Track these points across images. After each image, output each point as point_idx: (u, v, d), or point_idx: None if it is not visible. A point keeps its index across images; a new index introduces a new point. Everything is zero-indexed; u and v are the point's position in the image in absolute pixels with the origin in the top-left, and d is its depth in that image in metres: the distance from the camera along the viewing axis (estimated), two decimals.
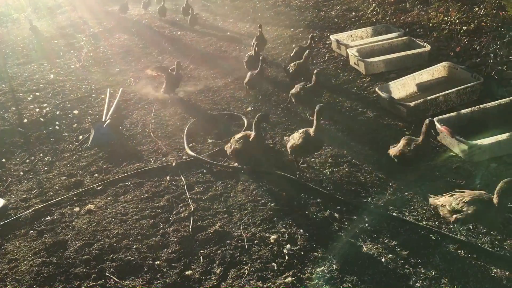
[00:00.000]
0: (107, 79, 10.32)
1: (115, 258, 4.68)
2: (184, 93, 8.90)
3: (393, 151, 5.37)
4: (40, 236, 5.20)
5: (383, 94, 6.70)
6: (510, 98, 5.86)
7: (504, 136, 5.23)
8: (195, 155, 6.43)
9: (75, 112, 8.70)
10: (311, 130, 5.23)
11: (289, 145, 5.53)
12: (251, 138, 5.58)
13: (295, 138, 5.43)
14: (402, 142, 5.23)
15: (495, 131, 5.36)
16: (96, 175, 6.43)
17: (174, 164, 6.34)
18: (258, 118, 5.52)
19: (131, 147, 7.17)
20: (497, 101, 5.86)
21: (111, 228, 5.15)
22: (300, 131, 5.41)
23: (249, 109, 7.78)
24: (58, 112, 8.78)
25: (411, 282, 3.94)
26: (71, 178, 6.41)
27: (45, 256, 4.80)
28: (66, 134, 7.91)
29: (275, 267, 4.32)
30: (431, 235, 4.44)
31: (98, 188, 6.03)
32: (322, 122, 5.27)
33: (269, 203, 5.23)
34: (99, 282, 4.38)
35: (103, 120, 7.79)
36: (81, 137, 7.65)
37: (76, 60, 11.86)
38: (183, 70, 9.34)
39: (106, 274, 4.48)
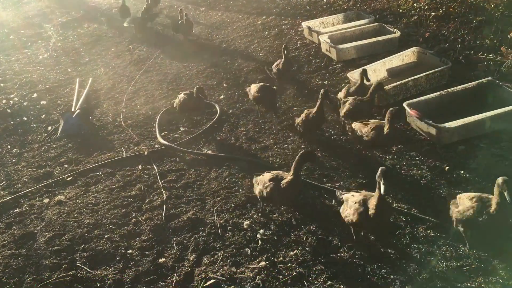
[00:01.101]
0: (76, 69, 10.10)
1: (86, 248, 4.61)
2: (157, 82, 8.78)
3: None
4: (8, 228, 5.08)
5: (353, 80, 6.75)
6: (477, 81, 5.97)
7: (471, 118, 5.32)
8: (167, 143, 6.37)
9: (43, 102, 8.50)
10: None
11: None
12: (285, 182, 4.37)
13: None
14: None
15: (463, 114, 5.45)
16: (66, 165, 6.31)
17: (146, 153, 6.27)
18: (301, 156, 4.32)
19: (102, 137, 7.05)
20: (464, 85, 5.96)
21: (82, 219, 5.07)
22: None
23: (222, 97, 7.73)
24: (25, 103, 8.57)
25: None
26: (40, 170, 6.27)
27: (14, 248, 4.70)
28: (34, 125, 7.72)
29: (249, 252, 4.33)
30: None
31: (68, 179, 5.92)
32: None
33: (241, 190, 5.22)
34: (70, 272, 4.31)
35: (72, 110, 7.63)
36: (50, 127, 7.48)
37: (44, 50, 11.56)
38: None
39: (78, 264, 4.42)
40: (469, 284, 3.69)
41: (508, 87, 5.70)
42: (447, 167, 5.08)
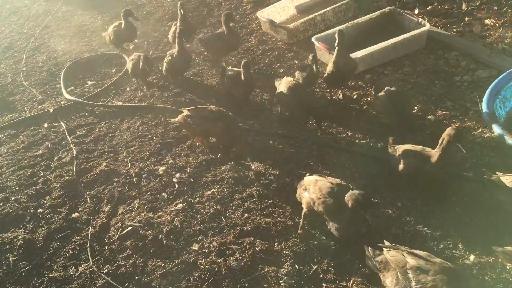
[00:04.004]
0: None
1: None
2: (60, 37, 8.20)
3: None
4: None
5: (263, 19, 6.67)
6: (380, 11, 6.10)
7: (375, 47, 5.47)
8: (74, 98, 6.03)
9: None
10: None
11: None
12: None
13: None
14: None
15: (368, 43, 5.58)
16: None
17: (51, 110, 5.90)
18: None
19: (1, 98, 6.53)
20: (368, 16, 6.08)
21: None
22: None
23: (131, 46, 7.37)
24: None
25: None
26: None
27: None
28: None
29: (166, 196, 4.27)
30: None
31: None
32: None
33: (155, 137, 5.09)
34: None
35: None
36: None
37: None
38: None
39: None
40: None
41: (409, 14, 5.88)
42: (355, 96, 5.22)
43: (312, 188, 3.41)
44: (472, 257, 3.23)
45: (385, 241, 3.07)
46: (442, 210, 3.64)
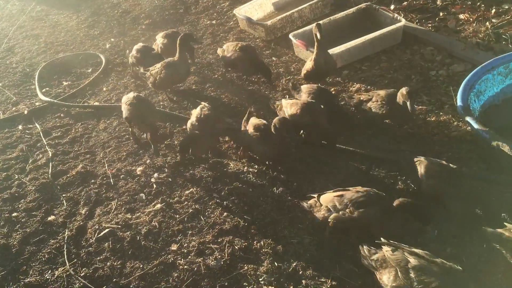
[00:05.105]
0: None
1: None
2: (34, 37, 8.05)
3: None
4: None
5: (240, 16, 6.64)
6: (356, 7, 6.12)
7: (352, 43, 5.49)
8: (49, 99, 5.93)
9: None
10: None
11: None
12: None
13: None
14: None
15: (345, 39, 5.60)
16: None
17: (26, 112, 5.79)
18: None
19: None
20: (344, 12, 6.10)
21: None
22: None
23: (107, 46, 7.27)
24: None
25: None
26: None
27: None
28: None
29: (144, 197, 4.21)
30: None
31: None
32: None
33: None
34: None
35: None
36: None
37: None
38: None
39: None
40: None
41: (385, 10, 5.92)
42: (333, 91, 5.23)
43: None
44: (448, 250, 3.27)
45: (382, 239, 3.03)
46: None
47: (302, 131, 4.48)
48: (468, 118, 3.92)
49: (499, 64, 4.42)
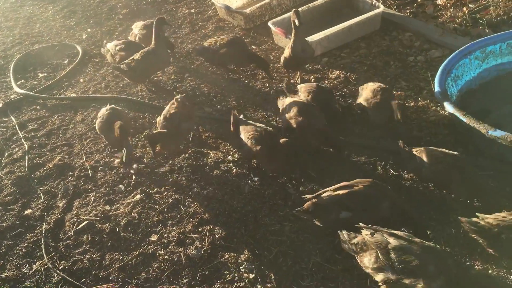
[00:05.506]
0: None
1: None
2: (8, 28, 7.86)
3: None
4: None
5: (219, 4, 6.57)
6: None
7: (331, 30, 5.46)
8: (25, 92, 5.80)
9: None
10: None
11: None
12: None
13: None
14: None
15: (324, 27, 5.57)
16: None
17: (1, 105, 5.67)
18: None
19: None
20: None
21: None
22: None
23: (84, 36, 7.13)
24: None
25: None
26: None
27: None
28: None
29: (123, 188, 4.17)
30: None
31: None
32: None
33: None
34: None
35: None
36: None
37: None
38: None
39: None
40: None
41: None
42: (313, 79, 5.22)
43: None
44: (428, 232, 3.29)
45: (360, 223, 3.02)
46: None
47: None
48: (445, 103, 3.94)
49: (476, 48, 4.45)
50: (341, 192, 3.22)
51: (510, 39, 4.51)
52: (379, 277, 2.80)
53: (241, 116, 4.11)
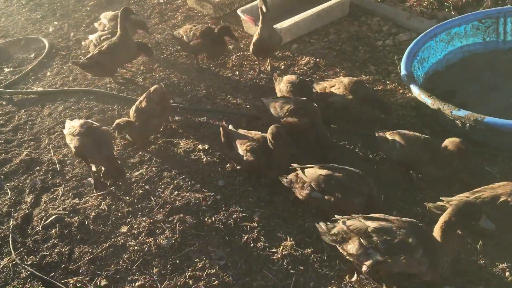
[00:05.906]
0: None
1: None
2: None
3: None
4: None
5: None
6: None
7: (300, 17, 5.46)
8: None
9: None
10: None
11: None
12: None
13: None
14: None
15: (293, 13, 5.56)
16: None
17: None
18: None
19: None
20: None
21: None
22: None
23: (51, 30, 6.98)
24: None
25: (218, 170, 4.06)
26: None
27: None
28: None
29: (91, 181, 4.10)
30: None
31: None
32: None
33: None
34: None
35: None
36: None
37: None
38: None
39: None
40: None
41: None
42: (283, 66, 5.21)
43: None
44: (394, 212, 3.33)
45: (335, 216, 3.02)
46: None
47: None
48: (411, 85, 3.98)
49: (441, 31, 4.50)
50: (322, 172, 3.26)
51: (475, 21, 4.58)
52: (368, 263, 2.80)
53: (230, 127, 4.00)
